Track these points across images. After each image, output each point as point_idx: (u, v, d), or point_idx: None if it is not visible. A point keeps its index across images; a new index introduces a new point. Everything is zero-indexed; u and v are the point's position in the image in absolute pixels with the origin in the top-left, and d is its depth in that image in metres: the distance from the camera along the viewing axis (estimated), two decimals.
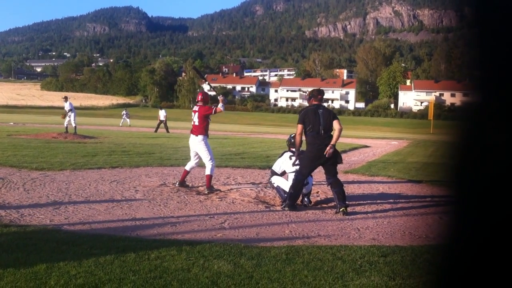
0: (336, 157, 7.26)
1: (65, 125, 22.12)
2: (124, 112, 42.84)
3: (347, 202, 7.20)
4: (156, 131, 29.94)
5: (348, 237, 5.75)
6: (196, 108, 8.95)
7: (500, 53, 0.81)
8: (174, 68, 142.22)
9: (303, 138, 7.48)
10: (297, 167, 7.59)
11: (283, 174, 8.21)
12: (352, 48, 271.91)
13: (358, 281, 3.91)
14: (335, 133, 7.20)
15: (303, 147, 7.56)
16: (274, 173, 8.27)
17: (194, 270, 4.04)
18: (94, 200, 7.34)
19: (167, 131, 29.86)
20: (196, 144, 8.79)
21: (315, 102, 7.52)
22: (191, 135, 8.90)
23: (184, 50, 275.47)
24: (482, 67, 0.84)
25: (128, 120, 41.04)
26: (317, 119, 7.25)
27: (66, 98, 22.60)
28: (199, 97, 9.14)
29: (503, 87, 0.79)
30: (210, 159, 8.68)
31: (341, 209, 7.03)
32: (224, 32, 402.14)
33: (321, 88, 8.49)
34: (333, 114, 7.51)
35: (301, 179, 7.29)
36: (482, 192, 0.81)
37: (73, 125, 21.78)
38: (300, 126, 7.35)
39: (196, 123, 8.81)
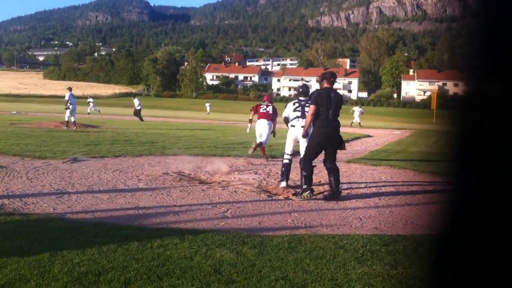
0: (339, 143, 7.35)
1: (66, 120, 20.70)
2: (89, 100, 41.57)
3: (341, 190, 7.39)
4: (142, 120, 29.03)
5: (350, 226, 5.77)
6: (267, 108, 11.21)
7: (502, 42, 0.80)
8: (177, 57, 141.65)
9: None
10: (298, 113, 8.02)
11: (287, 120, 8.37)
12: (355, 37, 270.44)
13: (360, 270, 3.92)
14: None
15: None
16: (286, 120, 8.40)
17: (197, 258, 4.05)
18: (97, 189, 7.36)
19: (141, 120, 29.02)
20: (266, 126, 11.08)
21: (327, 85, 7.50)
22: (263, 119, 11.15)
23: (187, 39, 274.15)
24: (484, 57, 0.83)
25: (93, 108, 39.15)
26: (328, 104, 7.29)
27: (70, 89, 21.24)
28: (265, 97, 11.81)
29: (503, 77, 0.79)
30: (267, 137, 11.27)
31: (335, 195, 7.27)
32: (226, 21, 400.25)
33: (334, 71, 8.51)
34: (342, 99, 7.65)
35: (308, 161, 7.36)
36: (480, 180, 0.81)
37: (66, 119, 20.49)
38: (313, 106, 7.35)
39: (270, 112, 11.14)
